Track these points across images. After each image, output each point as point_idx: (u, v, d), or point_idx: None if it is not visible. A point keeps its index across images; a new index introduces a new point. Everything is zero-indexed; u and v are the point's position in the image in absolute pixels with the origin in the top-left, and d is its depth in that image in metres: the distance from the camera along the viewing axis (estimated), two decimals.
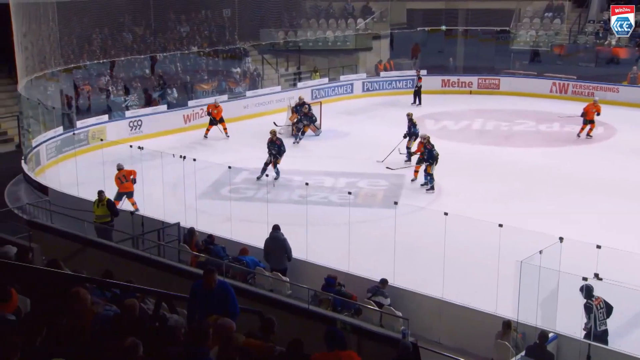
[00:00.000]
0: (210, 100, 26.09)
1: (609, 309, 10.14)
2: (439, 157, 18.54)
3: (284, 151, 19.50)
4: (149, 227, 14.40)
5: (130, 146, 17.50)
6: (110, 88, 25.74)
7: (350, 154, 22.11)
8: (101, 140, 21.41)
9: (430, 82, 31.86)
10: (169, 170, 17.16)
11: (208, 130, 24.41)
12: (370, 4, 34.72)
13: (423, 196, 17.98)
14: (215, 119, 24.39)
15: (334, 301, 11.13)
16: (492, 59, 35.16)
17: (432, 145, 18.62)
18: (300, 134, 23.47)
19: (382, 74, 32.24)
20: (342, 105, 27.99)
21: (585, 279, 9.51)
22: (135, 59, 27.34)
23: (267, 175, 18.34)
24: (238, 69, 30.22)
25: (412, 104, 28.78)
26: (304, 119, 23.81)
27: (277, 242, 13.01)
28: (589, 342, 9.68)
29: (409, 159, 20.43)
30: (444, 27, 34.98)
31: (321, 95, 29.19)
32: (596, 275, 9.75)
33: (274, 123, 23.48)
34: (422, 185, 18.79)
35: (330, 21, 34.14)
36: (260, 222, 14.43)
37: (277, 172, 19.37)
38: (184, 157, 15.99)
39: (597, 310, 10.08)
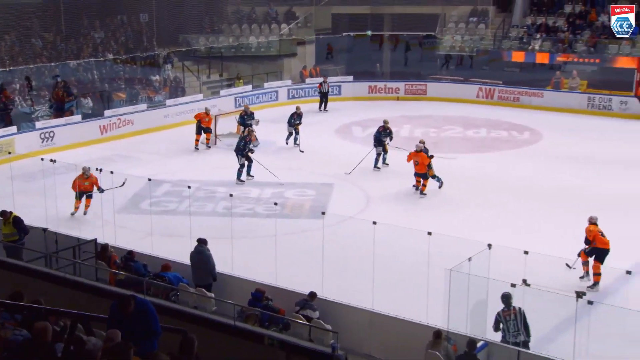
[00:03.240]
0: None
1: (524, 321, 10.35)
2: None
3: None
4: (63, 245, 14.02)
5: (42, 159, 17.04)
6: (17, 98, 24.96)
7: (276, 164, 22.08)
8: (9, 153, 20.78)
9: (357, 88, 32.25)
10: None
11: (197, 140, 24.14)
12: (294, 9, 34.86)
13: (351, 206, 18.11)
14: (205, 127, 24.07)
15: (261, 316, 11.08)
16: (418, 65, 35.93)
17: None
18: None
19: (308, 80, 32.36)
20: (266, 113, 27.95)
21: (513, 285, 9.76)
22: (45, 67, 26.63)
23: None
24: (157, 77, 29.79)
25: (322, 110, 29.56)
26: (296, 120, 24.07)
27: (202, 256, 12.87)
28: (518, 349, 9.92)
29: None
30: (369, 33, 35.45)
31: (245, 103, 29.09)
32: (524, 281, 10.02)
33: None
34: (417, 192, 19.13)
35: (253, 26, 34.09)
36: (183, 236, 14.31)
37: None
38: (101, 170, 15.68)
39: (505, 321, 10.34)
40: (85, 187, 17.02)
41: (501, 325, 10.38)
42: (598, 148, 23.67)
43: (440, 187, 19.15)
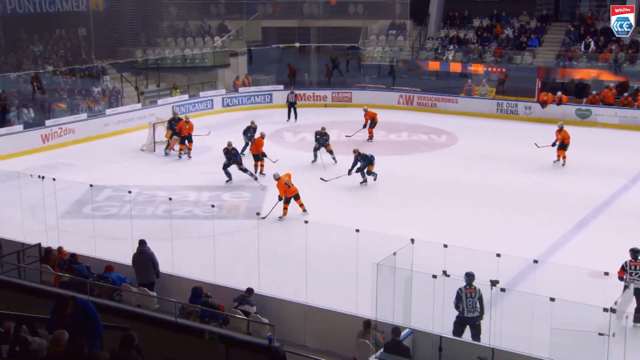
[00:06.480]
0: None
1: (481, 301, 10.71)
2: (374, 158, 19.78)
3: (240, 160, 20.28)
4: (8, 250, 13.57)
5: None
6: None
7: (213, 168, 21.88)
8: None
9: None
10: (28, 192, 16.25)
11: (178, 146, 23.56)
12: (226, 23, 34.63)
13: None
14: (184, 135, 23.34)
15: (201, 312, 10.96)
16: (344, 74, 36.20)
17: (364, 154, 19.80)
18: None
19: (241, 89, 32.23)
20: (203, 121, 27.72)
21: (434, 276, 9.91)
22: None
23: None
24: (99, 88, 29.14)
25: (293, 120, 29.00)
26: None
27: (144, 256, 12.67)
28: (440, 334, 10.08)
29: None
30: (297, 44, 35.54)
31: (182, 111, 28.73)
32: (444, 272, 10.19)
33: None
34: (361, 183, 19.75)
35: (187, 39, 33.73)
36: (126, 238, 14.02)
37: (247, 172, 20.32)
38: (43, 177, 15.21)
39: (465, 298, 10.64)
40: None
41: (460, 299, 10.67)
42: (507, 148, 24.30)
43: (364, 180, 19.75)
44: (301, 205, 17.16)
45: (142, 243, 12.81)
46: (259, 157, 21.00)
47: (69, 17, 29.47)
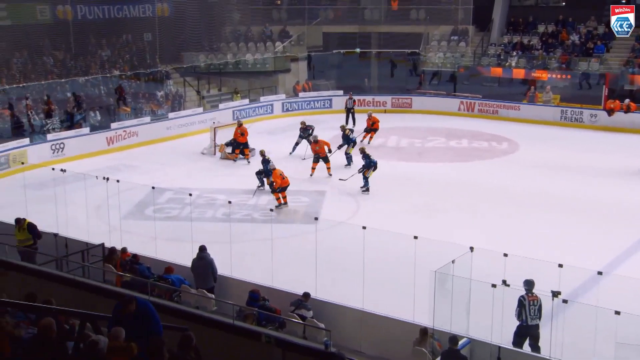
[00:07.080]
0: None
1: (540, 309, 10.58)
2: (377, 163, 19.84)
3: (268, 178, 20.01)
4: (73, 249, 13.97)
5: (53, 169, 17.01)
6: (30, 112, 24.83)
7: None
8: (22, 163, 20.67)
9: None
10: (93, 192, 16.70)
11: (245, 154, 23.64)
12: (288, 28, 34.93)
13: (342, 211, 18.09)
14: (239, 143, 23.56)
15: (258, 315, 11.05)
16: (404, 79, 36.01)
17: (369, 155, 19.93)
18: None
19: (301, 94, 32.41)
20: (263, 125, 28.01)
21: (494, 285, 9.75)
22: (55, 83, 26.60)
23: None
24: (162, 92, 29.79)
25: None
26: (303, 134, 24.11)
27: (204, 262, 12.84)
28: (499, 345, 9.91)
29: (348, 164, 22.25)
30: (358, 50, 35.53)
31: (242, 115, 29.10)
32: (504, 282, 10.02)
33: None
34: (361, 187, 19.84)
35: (249, 44, 34.14)
36: (185, 240, 14.28)
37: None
38: (107, 179, 15.61)
39: (529, 305, 10.51)
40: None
41: (523, 307, 10.57)
42: (571, 157, 23.73)
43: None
44: (284, 197, 18.78)
45: (202, 249, 12.97)
46: (325, 159, 21.53)
47: (136, 23, 30.25)
